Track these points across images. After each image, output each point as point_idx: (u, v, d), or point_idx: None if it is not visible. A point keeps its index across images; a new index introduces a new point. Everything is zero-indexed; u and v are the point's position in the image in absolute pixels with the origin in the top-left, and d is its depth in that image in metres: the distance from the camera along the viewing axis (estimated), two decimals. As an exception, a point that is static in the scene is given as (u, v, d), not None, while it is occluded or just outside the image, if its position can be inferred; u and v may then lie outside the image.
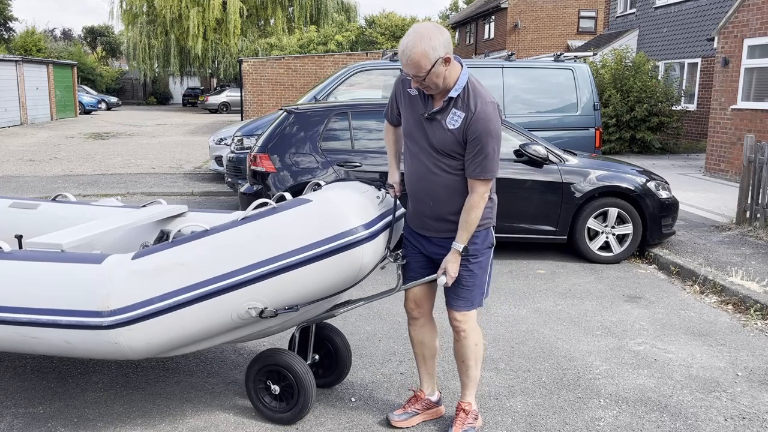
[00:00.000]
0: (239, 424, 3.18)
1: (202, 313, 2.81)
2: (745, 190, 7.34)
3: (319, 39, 28.59)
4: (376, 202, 3.08)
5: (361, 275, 2.94)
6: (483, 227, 2.89)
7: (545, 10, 31.18)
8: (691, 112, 16.46)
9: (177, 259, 2.84)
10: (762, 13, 10.75)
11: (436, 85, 2.69)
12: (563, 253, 6.56)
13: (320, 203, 2.91)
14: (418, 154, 2.86)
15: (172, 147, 16.92)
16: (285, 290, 2.84)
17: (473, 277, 2.92)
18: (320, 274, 2.83)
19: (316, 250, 2.79)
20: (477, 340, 3.02)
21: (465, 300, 2.95)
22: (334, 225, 2.82)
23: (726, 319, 4.76)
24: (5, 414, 3.27)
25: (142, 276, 2.81)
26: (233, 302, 2.82)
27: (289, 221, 2.86)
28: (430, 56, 2.60)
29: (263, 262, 2.79)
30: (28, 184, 10.84)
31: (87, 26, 63.55)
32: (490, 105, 2.71)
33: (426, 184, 2.87)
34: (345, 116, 6.28)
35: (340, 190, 3.07)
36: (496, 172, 2.78)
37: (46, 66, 27.91)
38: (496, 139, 2.72)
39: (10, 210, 4.24)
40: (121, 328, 2.75)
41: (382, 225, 3.01)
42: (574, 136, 8.52)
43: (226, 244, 2.85)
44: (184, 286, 2.78)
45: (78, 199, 4.42)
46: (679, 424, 3.23)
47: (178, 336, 2.85)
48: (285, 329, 3.18)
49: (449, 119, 2.74)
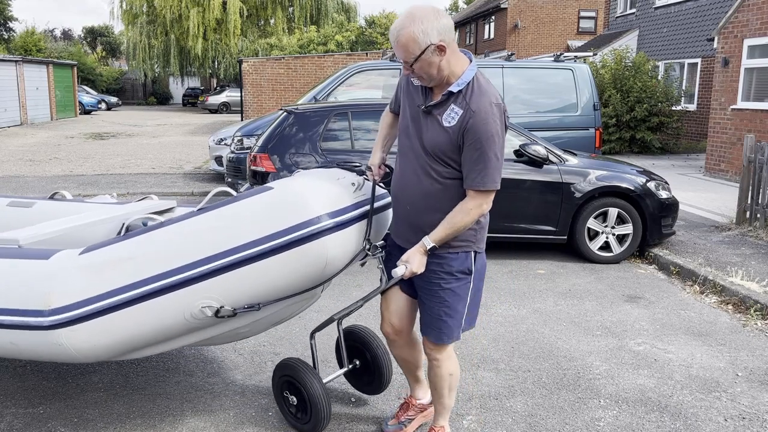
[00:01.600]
0: (239, 424, 3.18)
1: (150, 312, 2.59)
2: (745, 190, 7.34)
3: (319, 39, 28.59)
4: (350, 189, 2.75)
5: (329, 270, 2.64)
6: (461, 249, 2.57)
7: (545, 10, 31.17)
8: (691, 112, 16.46)
9: (123, 254, 2.62)
10: (762, 13, 10.75)
11: (429, 75, 2.43)
12: (563, 253, 6.56)
13: (281, 190, 2.63)
14: (408, 153, 2.61)
15: (172, 147, 16.92)
16: (241, 287, 2.58)
17: (444, 305, 2.61)
18: (280, 269, 2.56)
19: (274, 241, 2.52)
20: (452, 370, 2.76)
21: (436, 331, 2.66)
22: (294, 214, 2.54)
23: (726, 319, 4.76)
24: (5, 414, 3.27)
25: (88, 272, 2.61)
26: (185, 300, 2.59)
27: (246, 211, 2.60)
28: (420, 41, 2.34)
29: (216, 256, 2.54)
30: (28, 185, 10.84)
31: (87, 26, 63.60)
32: (495, 107, 2.41)
33: (407, 187, 2.60)
34: (345, 116, 6.28)
35: (308, 176, 2.78)
36: (498, 182, 2.46)
37: (46, 66, 27.91)
38: (498, 144, 2.41)
39: (7, 208, 4.20)
40: (62, 328, 2.56)
41: (356, 215, 2.69)
42: (574, 136, 8.53)
43: (177, 238, 2.61)
44: (130, 283, 2.56)
45: (75, 197, 4.35)
46: (679, 424, 3.23)
47: (127, 338, 2.65)
48: (259, 331, 2.99)
49: (446, 115, 2.46)
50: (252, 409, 3.32)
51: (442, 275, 2.58)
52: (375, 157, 2.85)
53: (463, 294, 2.63)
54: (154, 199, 4.14)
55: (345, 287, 5.36)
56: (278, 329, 4.39)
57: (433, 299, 2.63)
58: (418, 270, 2.51)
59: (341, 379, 3.55)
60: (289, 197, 2.58)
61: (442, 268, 2.57)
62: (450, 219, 2.47)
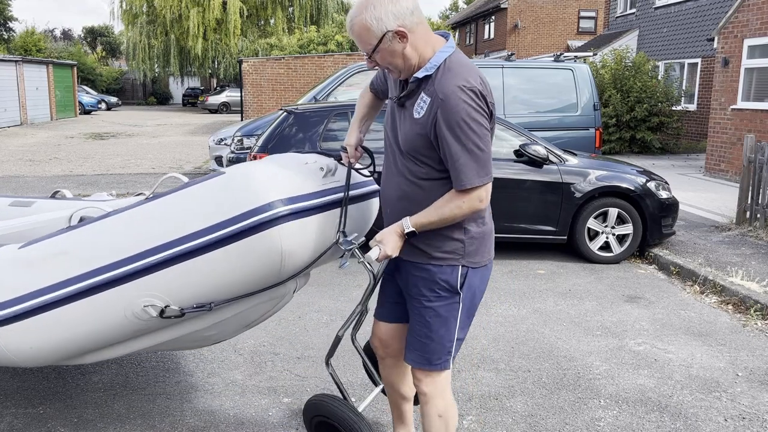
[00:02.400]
0: (239, 424, 3.17)
1: (87, 311, 2.36)
2: (745, 190, 7.34)
3: (319, 39, 28.56)
4: (317, 174, 2.43)
5: (290, 265, 2.32)
6: (444, 262, 2.23)
7: (545, 10, 31.18)
8: (691, 112, 16.46)
9: (60, 247, 2.41)
10: (762, 13, 10.75)
11: (394, 65, 2.13)
12: (563, 253, 6.56)
13: (231, 175, 2.34)
14: (387, 151, 2.34)
15: (172, 147, 16.92)
16: (186, 283, 2.31)
17: (424, 325, 2.28)
18: (229, 263, 2.27)
19: (219, 232, 2.23)
20: (443, 411, 2.35)
21: (416, 353, 2.32)
22: (242, 201, 2.24)
23: (726, 319, 4.76)
24: (5, 414, 3.26)
25: (23, 267, 2.42)
26: (124, 298, 2.34)
27: (193, 198, 2.33)
28: (374, 29, 2.06)
29: (157, 248, 2.27)
30: (27, 185, 10.84)
31: (87, 26, 63.63)
32: (468, 90, 2.05)
33: (386, 187, 2.34)
34: (345, 116, 6.28)
35: (267, 161, 2.48)
36: (489, 174, 2.11)
37: (46, 66, 27.92)
38: (476, 132, 2.05)
39: (8, 208, 4.20)
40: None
41: (323, 202, 2.37)
42: (574, 136, 8.54)
43: (119, 229, 2.37)
44: (64, 279, 2.34)
45: (75, 196, 4.31)
46: (679, 425, 3.23)
47: (66, 339, 2.43)
48: (227, 336, 2.74)
49: (416, 106, 2.14)
50: (252, 409, 3.32)
51: (423, 291, 2.27)
52: (351, 137, 2.52)
53: (447, 315, 2.26)
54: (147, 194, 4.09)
55: (345, 287, 5.36)
56: (278, 329, 4.39)
57: (414, 317, 2.32)
58: (392, 253, 2.18)
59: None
60: (239, 182, 2.28)
61: (423, 282, 2.26)
62: (438, 206, 2.14)
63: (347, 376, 3.69)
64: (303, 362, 3.90)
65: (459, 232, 2.22)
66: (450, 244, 2.22)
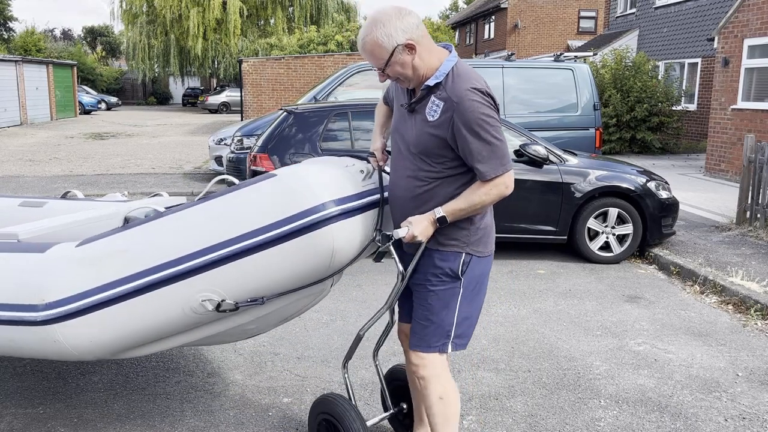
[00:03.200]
0: (239, 425, 3.17)
1: (147, 306, 2.47)
2: (745, 190, 7.34)
3: (319, 39, 28.55)
4: (359, 176, 2.59)
5: (337, 262, 2.47)
6: (450, 248, 2.39)
7: (545, 10, 31.18)
8: (691, 112, 16.46)
9: (120, 245, 2.51)
10: (762, 13, 10.75)
11: (404, 76, 2.33)
12: (563, 253, 6.56)
13: (284, 177, 2.48)
14: (397, 156, 2.50)
15: (172, 147, 16.92)
16: (244, 279, 2.44)
17: (426, 308, 2.43)
18: (284, 259, 2.41)
19: (276, 230, 2.37)
20: (443, 393, 2.45)
21: (417, 336, 2.46)
22: (298, 201, 2.38)
23: (726, 320, 4.76)
24: (5, 414, 3.26)
25: (84, 265, 2.50)
26: (183, 293, 2.45)
27: (248, 199, 2.46)
28: (385, 45, 2.26)
29: (216, 246, 2.40)
30: (27, 185, 10.84)
31: (87, 26, 63.61)
32: (477, 91, 2.26)
33: (397, 190, 2.48)
34: (345, 116, 6.28)
35: (314, 163, 2.61)
36: (509, 162, 2.31)
37: (46, 66, 27.92)
38: (493, 125, 2.27)
39: (19, 208, 4.16)
40: (56, 323, 2.47)
41: (365, 203, 2.52)
42: (574, 136, 8.53)
43: (176, 228, 2.49)
44: (126, 275, 2.45)
45: (87, 197, 4.31)
46: (679, 425, 3.23)
47: (124, 333, 2.54)
48: (266, 329, 2.85)
49: (428, 109, 2.33)
50: (252, 409, 3.32)
51: (428, 276, 2.43)
52: (376, 142, 2.73)
53: (448, 300, 2.42)
54: (164, 196, 4.07)
55: (345, 287, 5.36)
56: (278, 329, 4.39)
57: (419, 300, 2.48)
58: (420, 236, 2.33)
59: None
60: (292, 184, 2.43)
61: (428, 267, 2.43)
62: (468, 195, 2.31)
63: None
64: (303, 362, 3.90)
65: (465, 221, 2.38)
66: (456, 233, 2.39)
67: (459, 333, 2.46)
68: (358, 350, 4.05)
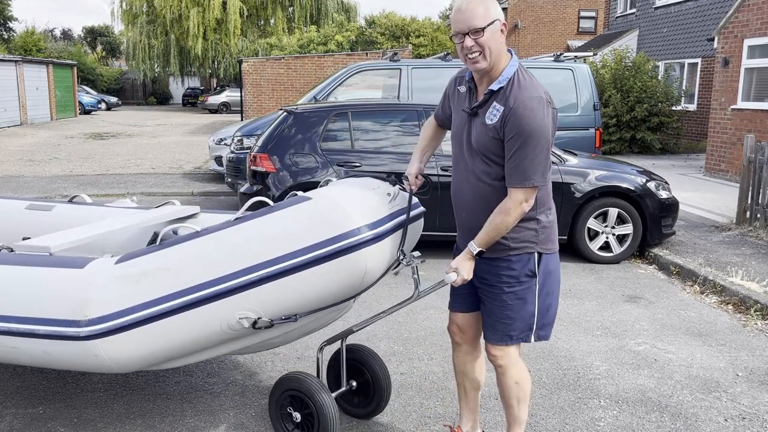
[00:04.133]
0: (239, 425, 3.17)
1: (188, 323, 2.57)
2: (745, 190, 7.34)
3: (319, 39, 28.57)
4: (386, 199, 2.75)
5: (366, 282, 2.63)
6: (522, 251, 2.50)
7: (545, 10, 31.16)
8: (691, 112, 16.46)
9: (161, 264, 2.60)
10: (762, 13, 10.75)
11: (483, 55, 2.38)
12: (563, 253, 6.56)
13: (320, 201, 2.62)
14: (459, 161, 2.59)
15: (172, 147, 16.92)
16: (280, 298, 2.58)
17: (506, 308, 2.54)
18: (319, 280, 2.56)
19: (313, 253, 2.51)
20: (518, 378, 2.65)
21: (499, 333, 2.58)
22: (334, 225, 2.54)
23: (726, 320, 4.76)
24: (5, 414, 3.26)
25: (124, 282, 2.58)
26: (223, 312, 2.57)
27: (285, 221, 2.59)
28: (491, 11, 2.37)
29: (255, 267, 2.53)
30: (27, 184, 10.84)
31: (87, 26, 63.60)
32: (536, 100, 2.34)
33: (462, 193, 2.58)
34: (345, 116, 6.28)
35: (345, 186, 2.78)
36: (538, 179, 2.37)
37: (46, 66, 27.91)
38: (540, 139, 2.33)
39: (26, 211, 4.14)
40: (99, 339, 2.53)
41: (392, 225, 2.69)
42: (574, 136, 8.53)
43: (215, 248, 2.60)
44: (168, 293, 2.55)
45: (95, 201, 4.29)
46: (679, 425, 3.23)
47: (163, 348, 2.63)
48: (288, 341, 2.97)
49: (489, 114, 2.43)
50: (252, 409, 3.32)
51: (504, 278, 2.52)
52: (412, 166, 2.80)
53: (527, 297, 2.53)
54: (176, 204, 4.04)
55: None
56: (278, 329, 4.39)
57: (494, 302, 2.56)
58: (468, 276, 2.48)
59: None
60: (328, 208, 2.57)
61: (503, 271, 2.52)
62: (491, 221, 2.42)
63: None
64: (303, 362, 3.90)
65: (532, 222, 2.50)
66: (525, 234, 2.49)
67: (541, 324, 2.59)
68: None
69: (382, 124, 6.29)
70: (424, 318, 4.64)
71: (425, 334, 4.37)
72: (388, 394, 3.14)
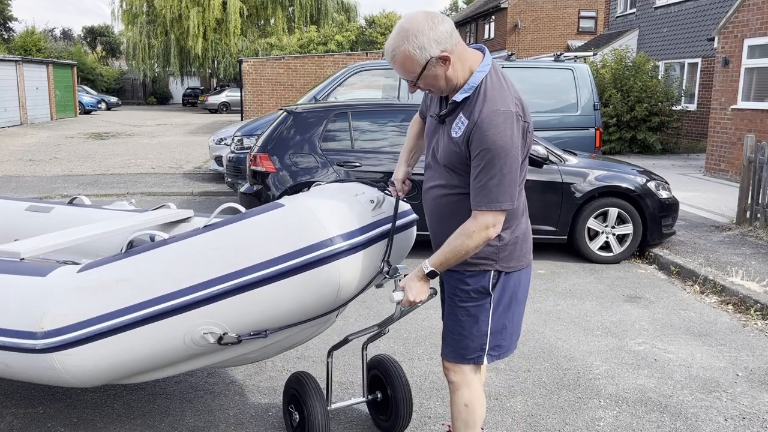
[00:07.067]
0: (239, 425, 3.17)
1: (147, 338, 2.42)
2: (745, 190, 7.34)
3: (319, 39, 28.62)
4: (368, 207, 2.54)
5: (343, 296, 2.45)
6: (478, 267, 2.29)
7: (545, 10, 31.17)
8: (691, 112, 16.46)
9: (122, 274, 2.46)
10: (762, 13, 10.75)
11: (437, 88, 2.21)
12: (563, 253, 6.56)
13: (292, 209, 2.43)
14: (428, 165, 2.41)
15: (171, 147, 16.91)
16: (246, 313, 2.40)
17: (458, 324, 2.36)
18: (289, 294, 2.37)
19: (282, 264, 2.32)
20: (469, 400, 2.42)
21: (451, 348, 2.40)
22: (304, 235, 2.34)
23: (726, 319, 4.76)
24: (5, 414, 3.26)
25: (84, 292, 2.44)
26: (184, 326, 2.41)
27: (253, 230, 2.41)
28: (418, 57, 2.10)
29: (218, 279, 2.35)
30: (27, 184, 10.84)
31: (87, 26, 63.64)
32: (502, 114, 2.09)
33: (427, 200, 2.41)
34: (345, 116, 6.28)
35: (324, 192, 2.58)
36: (506, 202, 2.13)
37: (46, 66, 27.91)
38: (507, 158, 2.09)
39: (25, 213, 4.09)
40: (55, 352, 2.40)
41: (374, 235, 2.48)
42: (574, 136, 8.53)
43: (179, 258, 2.44)
44: (126, 306, 2.39)
45: (94, 203, 4.24)
46: (679, 424, 3.23)
47: (122, 363, 2.49)
48: (270, 356, 2.84)
49: (455, 125, 2.20)
50: (252, 409, 3.32)
51: (456, 292, 2.35)
52: (399, 171, 2.60)
53: (479, 316, 2.33)
54: (172, 207, 3.96)
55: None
56: (278, 329, 4.38)
57: (449, 315, 2.41)
58: (416, 298, 2.27)
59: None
60: (299, 216, 2.38)
61: (457, 284, 2.35)
62: (450, 242, 2.20)
63: (347, 375, 3.70)
64: (303, 362, 3.90)
65: (497, 239, 2.28)
66: (483, 251, 2.26)
67: (494, 344, 2.38)
68: (358, 350, 4.06)
69: (382, 124, 6.29)
70: (424, 318, 4.65)
71: (425, 334, 4.37)
72: (407, 411, 2.94)
